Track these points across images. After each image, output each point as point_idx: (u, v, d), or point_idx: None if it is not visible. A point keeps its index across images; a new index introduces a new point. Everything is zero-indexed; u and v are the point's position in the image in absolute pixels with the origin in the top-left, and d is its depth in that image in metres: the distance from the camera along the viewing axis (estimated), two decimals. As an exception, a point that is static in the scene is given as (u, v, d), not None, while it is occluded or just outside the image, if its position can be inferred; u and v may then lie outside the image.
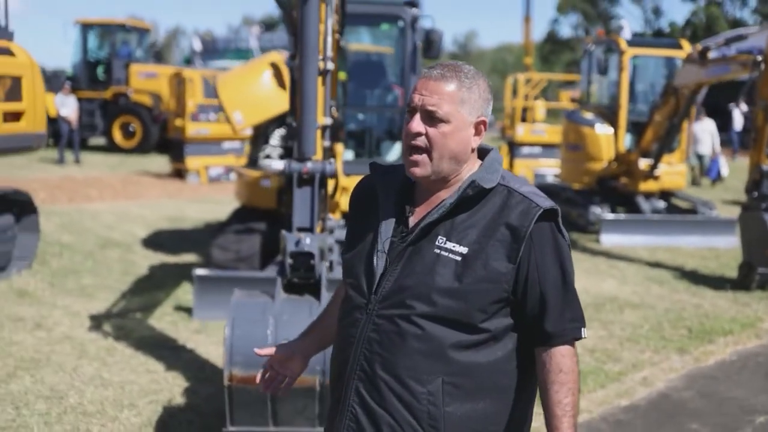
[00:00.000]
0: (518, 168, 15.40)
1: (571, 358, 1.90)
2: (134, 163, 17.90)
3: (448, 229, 1.87)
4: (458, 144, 1.88)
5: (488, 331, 1.86)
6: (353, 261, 1.99)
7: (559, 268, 1.88)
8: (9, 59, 7.22)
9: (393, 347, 1.86)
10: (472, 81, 1.89)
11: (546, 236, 1.86)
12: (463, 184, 1.89)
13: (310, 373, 3.53)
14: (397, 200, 1.96)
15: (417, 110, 1.87)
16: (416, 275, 1.85)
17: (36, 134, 7.70)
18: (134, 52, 21.43)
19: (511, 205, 1.86)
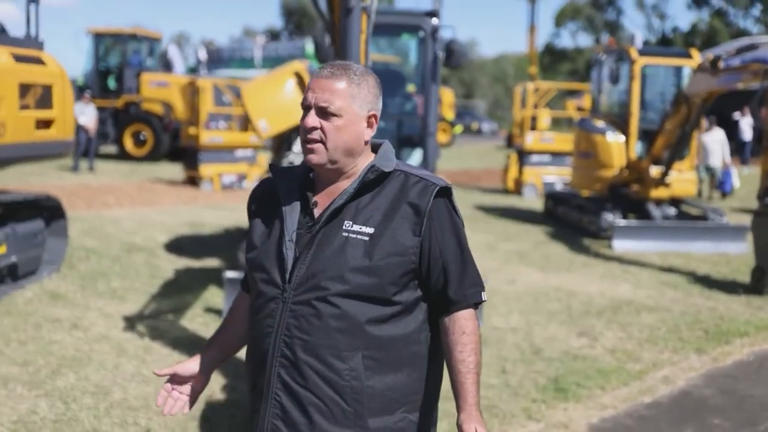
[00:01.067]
0: (527, 176, 15.60)
1: (473, 321, 2.02)
2: (146, 171, 18.10)
3: (353, 213, 1.97)
4: (351, 136, 1.99)
5: (400, 303, 1.97)
6: (260, 257, 2.05)
7: (456, 239, 2.02)
8: (40, 68, 7.42)
9: (312, 329, 1.93)
10: (361, 78, 2.02)
11: (443, 211, 2.01)
12: (363, 171, 2.00)
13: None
14: (300, 195, 2.05)
15: (311, 107, 1.98)
16: (328, 258, 1.94)
17: (65, 141, 7.90)
18: (145, 61, 21.68)
19: (409, 186, 2.00)
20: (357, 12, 3.99)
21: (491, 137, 44.60)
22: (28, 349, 5.57)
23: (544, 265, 9.11)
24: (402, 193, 1.99)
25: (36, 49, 7.55)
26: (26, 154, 7.36)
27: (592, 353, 5.90)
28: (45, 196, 7.65)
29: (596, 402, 4.96)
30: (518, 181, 15.83)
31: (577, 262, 9.39)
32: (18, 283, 7.20)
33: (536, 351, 5.89)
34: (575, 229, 11.43)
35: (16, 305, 6.65)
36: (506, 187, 16.02)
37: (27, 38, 7.53)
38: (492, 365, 5.49)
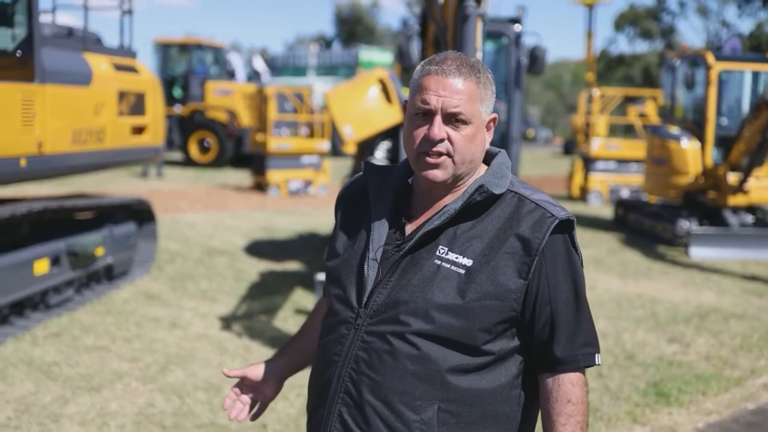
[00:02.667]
0: (593, 182, 15.51)
1: (581, 388, 1.71)
2: (211, 177, 18.45)
3: (450, 238, 1.68)
4: (479, 147, 1.72)
5: (492, 353, 1.67)
6: (339, 270, 1.79)
7: (573, 286, 1.70)
8: (135, 77, 7.69)
9: (383, 368, 1.65)
10: (485, 75, 1.72)
11: (560, 250, 1.68)
12: (470, 189, 1.70)
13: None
14: (392, 204, 1.77)
15: (435, 113, 1.66)
16: (413, 288, 1.66)
17: (156, 147, 8.17)
18: (209, 70, 22.12)
19: (522, 214, 1.68)
20: (473, 19, 4.08)
21: (545, 144, 44.31)
22: (134, 346, 5.78)
23: (621, 272, 9.07)
24: (512, 221, 1.68)
25: (130, 58, 7.82)
26: (122, 159, 7.63)
27: (687, 359, 5.88)
28: (138, 200, 7.90)
29: (699, 407, 4.95)
30: (583, 187, 15.74)
31: (655, 269, 9.32)
32: (113, 283, 7.46)
33: (629, 356, 5.89)
34: (648, 237, 11.34)
35: (114, 304, 6.88)
36: (571, 193, 15.94)
37: (121, 48, 7.80)
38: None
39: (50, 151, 6.15)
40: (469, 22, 4.07)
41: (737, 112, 11.35)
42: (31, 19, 5.90)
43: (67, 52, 6.62)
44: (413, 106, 1.70)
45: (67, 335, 5.96)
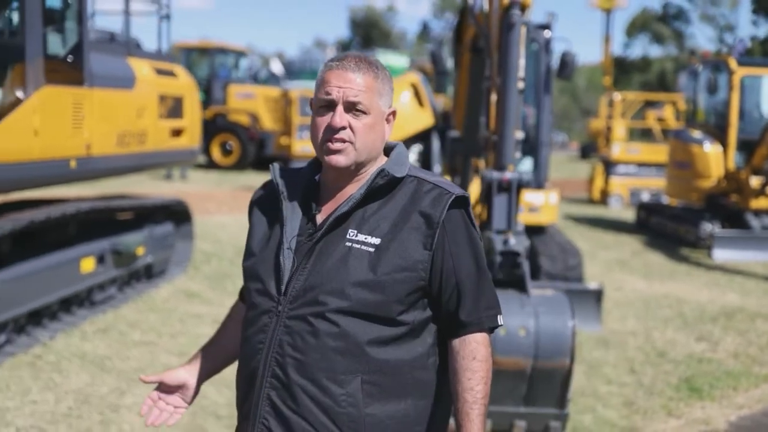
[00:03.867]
0: (613, 186, 15.64)
1: (486, 347, 1.82)
2: (234, 180, 18.67)
3: (358, 221, 1.80)
4: (378, 136, 1.84)
5: (406, 323, 1.78)
6: (257, 265, 1.88)
7: (473, 255, 1.83)
8: (174, 80, 7.92)
9: (307, 348, 1.75)
10: (383, 72, 1.85)
11: (458, 223, 1.81)
12: (372, 175, 1.83)
13: (522, 356, 3.97)
14: (303, 199, 1.88)
15: (337, 103, 1.79)
16: (328, 270, 1.77)
17: (192, 149, 8.39)
18: (231, 74, 22.38)
19: (422, 193, 1.81)
20: (518, 27, 4.26)
21: (561, 148, 44.35)
22: (180, 341, 5.98)
23: (646, 273, 9.21)
24: (413, 201, 1.81)
25: (169, 63, 8.05)
26: (162, 161, 7.87)
27: (716, 357, 6.03)
28: (176, 201, 8.12)
29: (731, 402, 5.11)
30: (604, 191, 15.87)
31: (680, 270, 9.46)
32: (152, 281, 7.67)
33: (660, 353, 6.05)
34: (671, 239, 11.47)
35: (156, 302, 7.09)
36: (591, 197, 16.07)
37: (159, 52, 8.03)
38: (620, 365, 5.68)
39: (97, 153, 6.38)
40: (514, 30, 4.25)
41: (759, 117, 11.47)
42: (81, 25, 6.13)
43: (111, 56, 6.84)
44: (317, 99, 1.82)
45: (114, 331, 6.17)
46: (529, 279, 4.21)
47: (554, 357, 3.95)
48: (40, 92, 5.53)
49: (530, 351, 3.95)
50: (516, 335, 3.95)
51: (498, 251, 4.17)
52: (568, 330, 4.00)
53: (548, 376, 4.00)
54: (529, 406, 4.13)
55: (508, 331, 3.95)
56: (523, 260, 4.20)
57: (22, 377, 5.08)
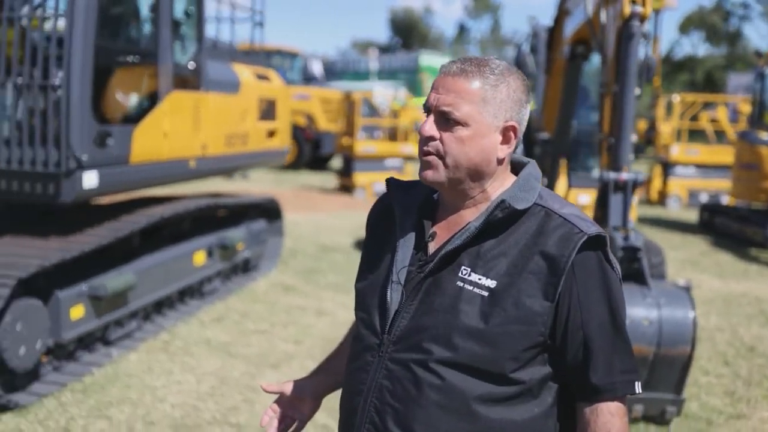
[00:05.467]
0: (672, 187, 15.78)
1: (621, 418, 1.58)
2: (293, 179, 19.14)
3: (473, 257, 1.58)
4: (479, 152, 1.59)
5: (522, 382, 1.56)
6: (365, 293, 1.72)
7: (608, 307, 1.56)
8: (269, 84, 8.32)
9: (408, 398, 1.57)
10: (500, 78, 1.59)
11: (591, 268, 1.55)
12: (491, 204, 1.60)
13: (646, 344, 4.27)
14: (417, 221, 1.68)
15: (431, 110, 1.61)
16: (435, 313, 1.57)
17: (283, 150, 8.79)
18: (287, 75, 22.87)
19: (548, 230, 1.56)
20: (638, 37, 4.56)
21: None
22: (291, 331, 6.37)
23: (719, 273, 9.41)
24: (538, 237, 1.56)
25: (264, 67, 8.47)
26: (259, 161, 8.28)
27: (805, 352, 6.26)
28: (269, 199, 8.53)
29: (828, 393, 5.34)
30: (662, 192, 16.01)
31: (752, 270, 9.64)
32: (249, 275, 8.09)
33: (750, 348, 6.29)
34: (737, 240, 11.62)
35: (257, 294, 7.50)
36: (649, 198, 16.21)
37: (255, 57, 8.44)
38: (714, 358, 5.94)
39: (211, 154, 6.80)
40: (633, 40, 4.55)
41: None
42: (200, 34, 6.56)
43: (220, 62, 7.26)
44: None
45: (228, 320, 6.59)
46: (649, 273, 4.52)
47: (676, 345, 4.24)
48: (170, 97, 5.96)
49: (653, 339, 4.25)
50: (640, 324, 4.25)
51: (619, 247, 4.47)
52: (689, 320, 4.29)
53: (669, 362, 4.29)
54: (648, 391, 4.43)
55: (632, 320, 4.25)
56: (643, 255, 4.50)
57: (159, 360, 5.50)
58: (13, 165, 4.89)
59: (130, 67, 5.79)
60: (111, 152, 5.28)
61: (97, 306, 5.29)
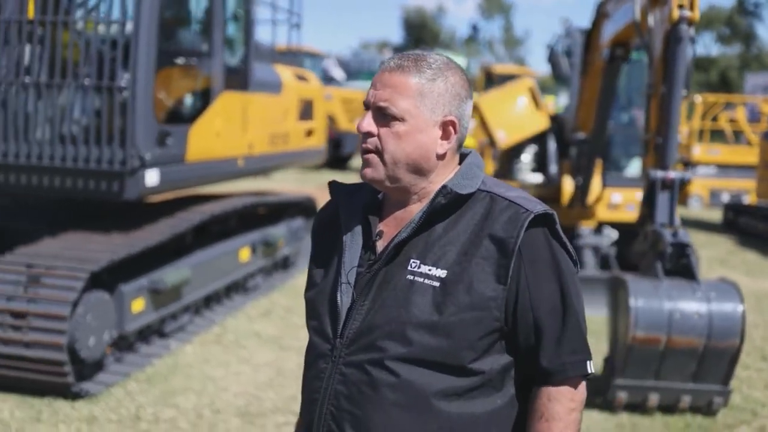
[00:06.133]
0: (693, 187, 15.89)
1: (564, 403, 1.51)
2: (315, 178, 19.30)
3: (421, 249, 1.53)
4: (416, 148, 1.55)
5: (481, 372, 1.50)
6: (315, 300, 1.65)
7: (558, 285, 1.52)
8: (306, 85, 8.51)
9: (364, 401, 1.50)
10: (437, 72, 1.55)
11: (539, 247, 1.51)
12: (434, 193, 1.56)
13: (696, 336, 4.42)
14: (364, 222, 1.63)
15: (368, 106, 1.57)
16: (387, 309, 1.51)
17: (320, 150, 8.98)
18: (308, 76, 23.08)
19: (495, 213, 1.52)
20: (686, 41, 4.71)
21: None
22: (337, 325, 6.53)
23: (748, 271, 9.54)
24: (485, 222, 1.52)
25: (301, 68, 8.66)
26: (299, 160, 8.48)
27: (842, 347, 6.39)
28: (308, 197, 8.72)
29: None
30: (684, 191, 16.11)
31: (780, 268, 9.77)
32: (287, 271, 8.28)
33: (787, 343, 6.43)
34: (762, 239, 11.74)
35: (298, 290, 7.67)
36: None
37: (293, 58, 8.64)
38: (752, 353, 6.10)
39: (257, 152, 6.99)
40: (682, 43, 4.69)
41: None
42: (248, 36, 6.75)
43: (264, 64, 7.45)
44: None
45: (274, 315, 6.77)
46: (697, 267, 4.67)
47: (726, 337, 4.40)
48: (221, 98, 6.15)
49: (704, 332, 4.40)
50: (691, 318, 4.41)
51: (669, 243, 4.63)
52: (738, 313, 4.45)
53: (719, 355, 4.45)
54: (697, 383, 4.58)
55: (683, 314, 4.42)
56: (691, 251, 4.65)
57: (214, 352, 5.69)
58: (80, 163, 5.08)
59: (185, 68, 5.98)
60: (170, 151, 5.47)
61: (156, 299, 5.48)
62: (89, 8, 5.79)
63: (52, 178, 5.22)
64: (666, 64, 4.83)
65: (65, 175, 5.18)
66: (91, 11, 5.76)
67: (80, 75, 5.08)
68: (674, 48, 4.74)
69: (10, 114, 5.15)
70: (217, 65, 6.07)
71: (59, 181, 5.21)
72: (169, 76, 5.72)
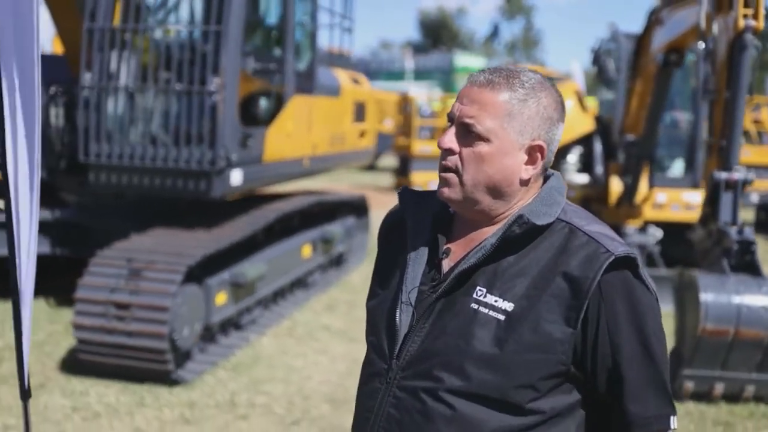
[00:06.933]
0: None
1: None
2: (348, 177, 19.60)
3: (489, 277, 1.45)
4: (498, 171, 1.46)
5: (541, 412, 1.43)
6: (375, 313, 1.60)
7: (639, 334, 1.42)
8: (359, 88, 8.80)
9: (416, 429, 1.45)
10: (530, 92, 1.46)
11: (619, 292, 1.41)
12: (509, 220, 1.47)
13: (763, 329, 4.67)
14: (431, 236, 1.55)
15: (452, 122, 1.49)
16: (447, 337, 1.45)
17: (370, 150, 9.27)
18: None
19: (572, 249, 1.43)
20: (750, 49, 4.95)
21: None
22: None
23: (786, 270, 9.74)
24: (560, 256, 1.43)
25: (355, 71, 8.95)
26: (353, 160, 8.77)
27: None
28: (360, 197, 9.01)
29: None
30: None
31: (817, 267, 9.96)
32: (340, 268, 8.56)
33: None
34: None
35: (354, 286, 7.97)
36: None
37: (347, 62, 8.93)
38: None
39: (320, 153, 7.28)
40: (746, 51, 4.93)
41: None
42: (314, 43, 7.04)
43: (324, 68, 7.74)
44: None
45: (337, 310, 7.06)
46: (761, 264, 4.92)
47: (792, 330, 4.65)
48: (292, 101, 6.44)
49: (771, 323, 4.65)
50: (758, 311, 4.66)
51: (734, 240, 4.88)
52: (804, 307, 4.69)
53: (785, 347, 4.70)
54: (761, 373, 4.83)
55: (750, 308, 4.67)
56: (756, 248, 4.90)
57: (289, 344, 5.98)
58: (169, 163, 5.38)
59: (262, 73, 6.27)
60: (250, 152, 5.77)
61: (236, 293, 5.77)
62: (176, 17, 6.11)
63: (143, 178, 5.53)
64: (730, 71, 5.07)
65: (156, 175, 5.48)
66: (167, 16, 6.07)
67: (171, 80, 5.38)
68: (738, 56, 4.97)
69: (103, 117, 5.46)
70: (289, 70, 6.36)
71: (149, 181, 5.52)
72: (249, 80, 6.01)
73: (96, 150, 5.48)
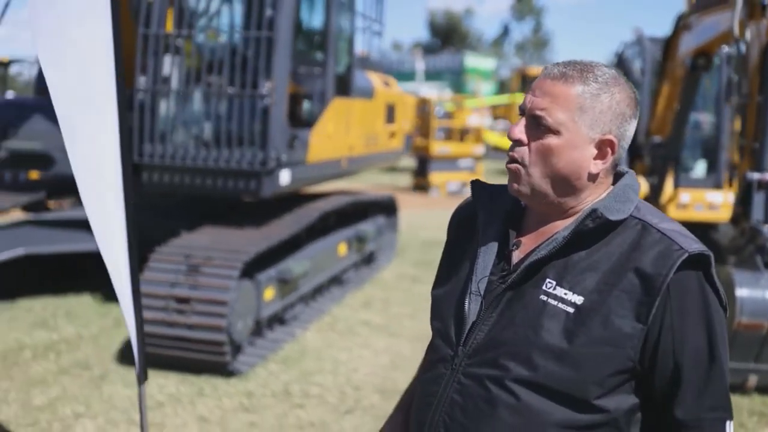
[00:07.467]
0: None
1: None
2: (364, 178, 19.75)
3: (560, 270, 1.47)
4: (567, 164, 1.47)
5: (606, 411, 1.43)
6: (441, 301, 1.63)
7: (706, 334, 1.42)
8: (389, 90, 9.02)
9: (479, 417, 1.47)
10: (603, 87, 1.45)
11: (690, 290, 1.41)
12: (582, 214, 1.48)
13: None
14: (502, 228, 1.58)
15: (523, 113, 1.50)
16: (515, 327, 1.46)
17: (400, 151, 9.49)
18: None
19: (645, 245, 1.43)
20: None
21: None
22: (434, 315, 7.03)
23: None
24: (633, 252, 1.43)
25: (385, 74, 9.17)
26: (384, 160, 9.00)
27: None
28: (390, 197, 9.23)
29: None
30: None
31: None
32: (371, 266, 8.78)
33: None
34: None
35: (386, 283, 8.19)
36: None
37: (378, 65, 9.15)
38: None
39: (356, 153, 7.50)
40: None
41: None
42: (351, 47, 7.27)
43: (359, 71, 7.96)
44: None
45: (373, 306, 7.27)
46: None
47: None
48: (333, 103, 6.66)
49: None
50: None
51: (767, 237, 5.09)
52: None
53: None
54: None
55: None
56: (788, 245, 5.11)
57: (332, 338, 6.20)
58: (221, 164, 5.61)
59: (306, 76, 6.50)
60: (296, 153, 5.99)
61: (282, 289, 6.00)
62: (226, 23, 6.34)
63: (195, 178, 5.76)
64: (762, 76, 5.27)
65: (208, 175, 5.71)
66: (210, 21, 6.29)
67: (223, 84, 5.61)
68: (772, 60, 5.18)
69: (157, 119, 5.69)
70: (330, 73, 6.58)
71: (201, 180, 5.75)
72: (294, 84, 6.23)
73: (150, 151, 5.71)
